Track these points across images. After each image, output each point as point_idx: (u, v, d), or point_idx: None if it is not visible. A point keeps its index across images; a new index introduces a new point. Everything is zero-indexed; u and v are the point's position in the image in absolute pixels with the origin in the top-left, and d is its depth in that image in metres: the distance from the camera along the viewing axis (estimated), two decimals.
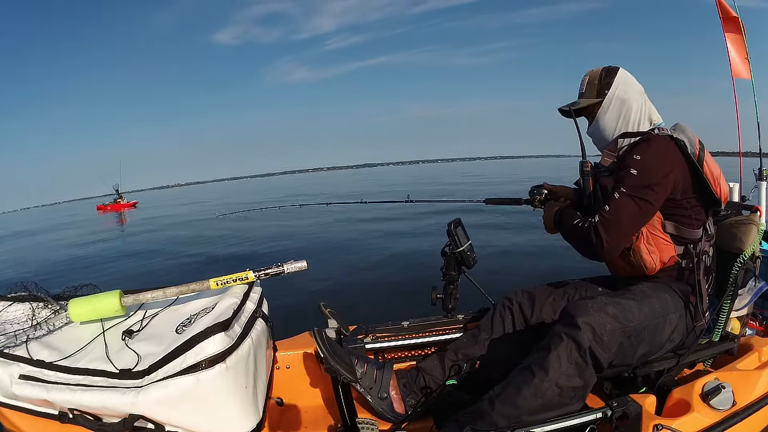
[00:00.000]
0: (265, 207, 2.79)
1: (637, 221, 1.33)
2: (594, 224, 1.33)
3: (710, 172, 1.36)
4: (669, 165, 1.32)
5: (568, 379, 1.19)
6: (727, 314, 1.44)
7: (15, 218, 48.23)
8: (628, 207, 1.31)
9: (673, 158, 1.33)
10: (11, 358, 0.98)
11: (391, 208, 10.50)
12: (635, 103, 1.43)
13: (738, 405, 1.28)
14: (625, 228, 1.32)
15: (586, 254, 1.39)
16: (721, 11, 3.19)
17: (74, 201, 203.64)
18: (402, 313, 1.89)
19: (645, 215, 1.33)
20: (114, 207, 32.66)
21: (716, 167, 1.38)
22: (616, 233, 1.31)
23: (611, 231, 1.31)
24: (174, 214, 20.75)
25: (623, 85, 1.44)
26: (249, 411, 1.04)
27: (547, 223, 1.57)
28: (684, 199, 1.35)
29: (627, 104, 1.43)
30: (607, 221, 1.31)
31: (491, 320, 1.59)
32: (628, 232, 1.34)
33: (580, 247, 1.40)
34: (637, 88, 1.46)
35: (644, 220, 1.34)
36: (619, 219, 1.31)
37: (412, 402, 1.50)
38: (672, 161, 1.32)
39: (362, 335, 1.68)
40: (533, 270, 4.96)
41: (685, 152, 1.33)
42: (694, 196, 1.36)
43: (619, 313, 1.25)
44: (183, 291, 1.14)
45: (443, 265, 1.73)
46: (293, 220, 10.45)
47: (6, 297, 1.17)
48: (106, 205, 33.39)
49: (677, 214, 1.37)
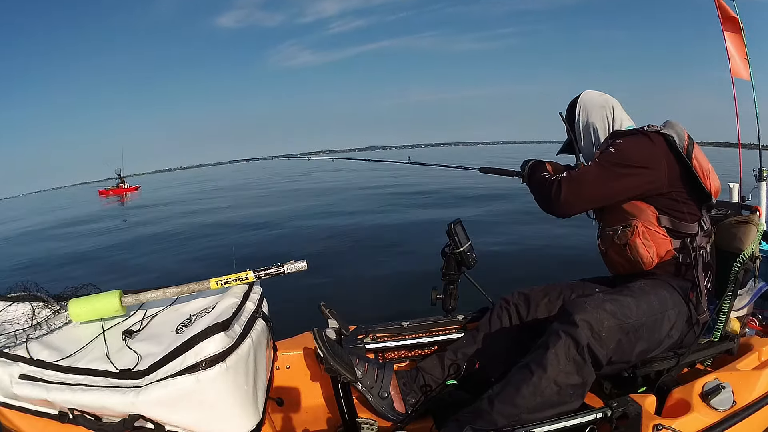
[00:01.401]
0: (276, 156, 2.73)
1: (599, 188, 1.37)
2: (559, 179, 1.39)
3: (699, 166, 1.39)
4: (651, 157, 1.36)
5: (566, 377, 1.19)
6: (727, 314, 1.45)
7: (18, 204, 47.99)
8: (593, 171, 1.38)
9: (658, 151, 1.36)
10: (11, 358, 0.98)
11: (392, 204, 10.67)
12: (599, 120, 1.53)
13: (738, 405, 1.29)
14: (585, 190, 1.37)
15: (543, 205, 1.46)
16: (720, 11, 3.19)
17: (76, 185, 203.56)
18: (402, 313, 1.89)
19: (608, 188, 1.37)
20: (116, 191, 32.39)
21: (706, 161, 1.42)
22: (576, 192, 1.37)
23: (572, 188, 1.37)
24: (177, 198, 20.76)
25: (584, 111, 1.56)
26: (249, 411, 1.04)
27: (523, 174, 1.63)
28: (673, 191, 1.38)
29: (592, 125, 1.54)
30: (571, 178, 1.38)
31: (489, 321, 1.59)
32: (587, 196, 1.39)
33: (540, 198, 1.47)
34: (598, 103, 1.55)
35: (606, 192, 1.38)
36: (582, 179, 1.38)
37: (412, 401, 1.51)
38: (656, 155, 1.36)
39: (362, 335, 1.68)
40: (533, 271, 4.96)
41: (673, 147, 1.37)
42: (685, 190, 1.39)
43: (617, 309, 1.25)
44: (183, 291, 1.14)
45: (443, 265, 1.73)
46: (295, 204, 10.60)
47: (6, 297, 1.17)
48: (108, 190, 33.13)
49: (670, 208, 1.39)
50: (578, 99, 1.59)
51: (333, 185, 17.64)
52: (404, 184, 15.28)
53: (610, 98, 1.56)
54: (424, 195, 11.98)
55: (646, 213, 1.40)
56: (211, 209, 13.44)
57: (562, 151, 1.69)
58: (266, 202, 13.91)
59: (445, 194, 11.97)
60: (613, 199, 1.41)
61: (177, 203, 17.32)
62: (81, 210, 20.14)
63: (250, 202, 14.56)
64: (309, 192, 16.09)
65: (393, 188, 14.81)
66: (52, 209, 23.58)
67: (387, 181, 16.95)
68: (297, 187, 18.61)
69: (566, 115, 1.61)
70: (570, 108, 1.61)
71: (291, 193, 16.50)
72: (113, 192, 32.11)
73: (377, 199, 11.99)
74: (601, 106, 1.54)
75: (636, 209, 1.41)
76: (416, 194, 12.27)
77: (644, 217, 1.40)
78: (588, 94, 1.58)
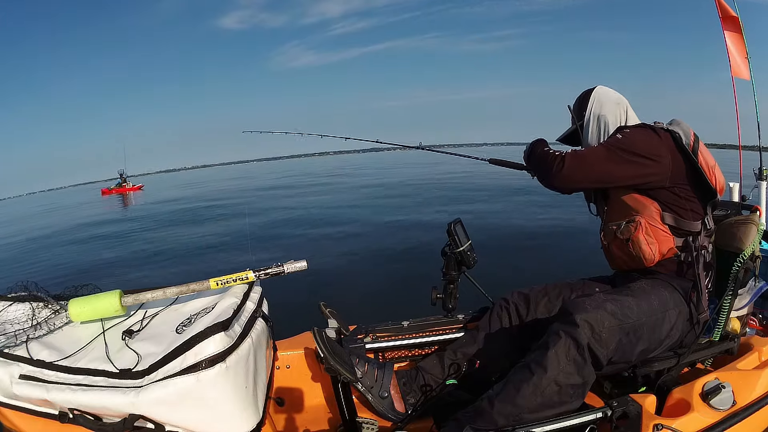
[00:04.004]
0: (286, 132, 2.70)
1: (601, 167, 1.39)
2: (563, 155, 1.41)
3: (705, 162, 1.40)
4: (655, 153, 1.37)
5: (566, 377, 1.19)
6: (728, 314, 1.45)
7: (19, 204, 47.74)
8: (599, 151, 1.40)
9: (663, 148, 1.37)
10: (11, 358, 0.98)
11: (398, 206, 10.65)
12: (611, 115, 1.52)
13: (738, 405, 1.28)
14: (588, 167, 1.39)
15: (544, 179, 1.48)
16: (720, 10, 3.18)
17: (79, 185, 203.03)
18: (402, 313, 1.89)
19: (610, 169, 1.39)
20: (119, 190, 32.21)
21: (711, 159, 1.43)
22: (578, 166, 1.39)
23: (575, 162, 1.39)
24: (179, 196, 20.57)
25: (597, 102, 1.55)
26: (249, 411, 1.04)
27: (525, 152, 1.64)
28: (677, 187, 1.39)
29: (603, 118, 1.53)
30: (575, 154, 1.41)
31: (489, 320, 1.59)
32: (588, 173, 1.40)
33: (541, 171, 1.49)
34: (613, 99, 1.55)
35: (608, 173, 1.40)
36: (585, 156, 1.40)
37: (412, 401, 1.51)
38: (662, 148, 1.37)
39: (362, 335, 1.68)
40: (532, 269, 4.96)
41: (679, 143, 1.38)
42: (690, 187, 1.40)
43: (617, 309, 1.25)
44: (183, 291, 1.14)
45: (443, 264, 1.73)
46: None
47: (6, 297, 1.17)
48: (110, 189, 32.91)
49: (675, 205, 1.40)
50: (593, 90, 1.58)
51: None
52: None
53: (623, 98, 1.57)
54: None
55: (650, 209, 1.40)
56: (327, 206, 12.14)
57: (563, 140, 1.68)
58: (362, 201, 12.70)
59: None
60: (614, 182, 1.42)
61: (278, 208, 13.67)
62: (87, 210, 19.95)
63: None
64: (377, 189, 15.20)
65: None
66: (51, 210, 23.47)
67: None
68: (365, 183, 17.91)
69: (576, 104, 1.61)
70: (582, 98, 1.60)
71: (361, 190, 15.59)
72: (116, 191, 32.02)
73: (375, 200, 11.92)
74: (616, 102, 1.54)
75: (639, 205, 1.42)
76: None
77: (648, 213, 1.40)
78: (603, 88, 1.58)
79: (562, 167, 1.39)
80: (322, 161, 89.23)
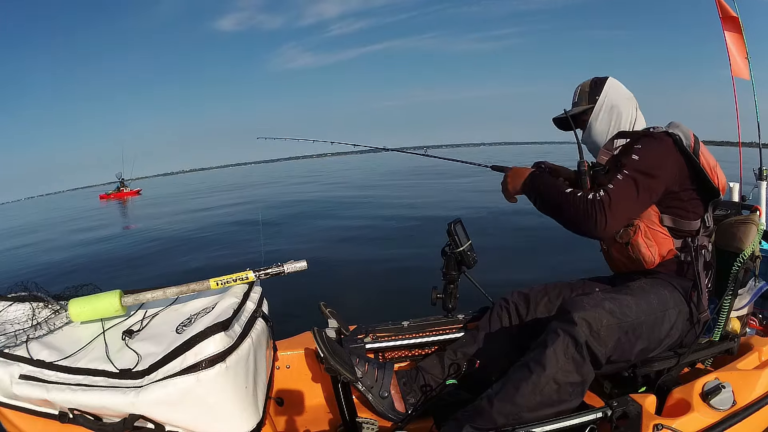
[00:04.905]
0: (299, 139, 2.73)
1: (638, 204, 1.34)
2: (596, 203, 1.27)
3: (707, 163, 1.40)
4: (667, 160, 1.35)
5: (565, 375, 1.19)
6: (728, 313, 1.45)
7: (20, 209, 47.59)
8: (629, 188, 1.29)
9: (671, 153, 1.36)
10: (11, 358, 0.98)
11: (398, 206, 10.64)
12: (625, 109, 1.50)
13: (738, 405, 1.28)
14: (628, 210, 1.31)
15: (578, 227, 1.31)
16: (720, 10, 3.19)
17: (78, 189, 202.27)
18: (402, 313, 1.89)
19: (644, 201, 1.34)
20: (117, 195, 31.92)
21: (712, 158, 1.43)
22: (620, 215, 1.28)
23: (615, 212, 1.26)
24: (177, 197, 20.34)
25: (612, 91, 1.52)
26: (249, 411, 1.04)
27: (512, 183, 1.51)
28: (681, 191, 1.38)
29: (617, 109, 1.50)
30: (611, 201, 1.26)
31: (489, 320, 1.59)
32: (629, 215, 1.35)
33: (574, 218, 1.31)
34: (626, 95, 1.53)
35: (644, 205, 1.36)
36: (620, 200, 1.27)
37: (412, 401, 1.51)
38: (670, 157, 1.36)
39: (362, 335, 1.68)
40: (532, 270, 4.96)
41: (681, 146, 1.37)
42: (693, 188, 1.39)
43: (616, 308, 1.25)
44: (183, 291, 1.14)
45: (443, 264, 1.73)
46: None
47: (6, 297, 1.17)
48: (108, 194, 32.62)
49: (675, 207, 1.40)
50: (607, 79, 1.54)
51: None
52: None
53: (632, 95, 1.55)
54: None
55: (649, 212, 1.40)
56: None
57: (558, 122, 1.62)
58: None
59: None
60: (648, 207, 1.38)
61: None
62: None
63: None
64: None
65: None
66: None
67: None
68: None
69: (588, 88, 1.55)
70: (595, 83, 1.54)
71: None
72: (114, 196, 31.83)
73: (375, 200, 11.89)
74: (628, 98, 1.53)
75: None
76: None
77: (646, 216, 1.40)
78: (616, 81, 1.55)
79: (606, 219, 1.26)
80: (322, 161, 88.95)
